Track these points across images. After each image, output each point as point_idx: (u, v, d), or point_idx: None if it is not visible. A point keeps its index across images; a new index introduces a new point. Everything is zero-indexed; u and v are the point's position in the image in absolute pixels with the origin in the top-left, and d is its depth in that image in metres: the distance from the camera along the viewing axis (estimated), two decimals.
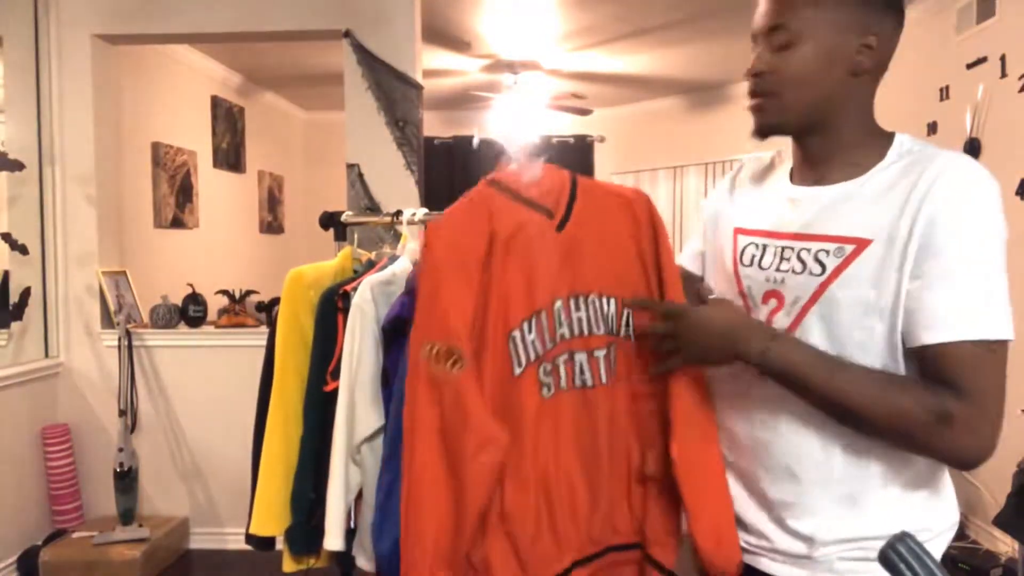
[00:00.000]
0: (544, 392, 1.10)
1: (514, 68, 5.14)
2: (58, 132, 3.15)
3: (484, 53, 4.84)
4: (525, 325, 1.07)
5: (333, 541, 1.40)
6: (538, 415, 1.09)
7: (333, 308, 1.50)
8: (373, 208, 3.09)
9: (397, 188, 3.11)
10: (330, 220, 1.80)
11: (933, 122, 3.48)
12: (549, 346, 1.10)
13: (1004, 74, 2.95)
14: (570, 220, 1.12)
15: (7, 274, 3.07)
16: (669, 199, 5.31)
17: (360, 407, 1.38)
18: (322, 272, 1.62)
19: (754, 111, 1.02)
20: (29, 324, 3.10)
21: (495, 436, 1.00)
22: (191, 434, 3.21)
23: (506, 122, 5.67)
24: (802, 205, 1.01)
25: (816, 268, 0.96)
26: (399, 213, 1.66)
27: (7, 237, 2.99)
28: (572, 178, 1.17)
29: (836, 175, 0.98)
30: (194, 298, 3.27)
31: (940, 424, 0.85)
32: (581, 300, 1.12)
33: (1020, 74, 2.86)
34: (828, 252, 0.95)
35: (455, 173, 6.50)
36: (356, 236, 1.80)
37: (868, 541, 0.95)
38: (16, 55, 3.09)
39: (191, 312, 3.26)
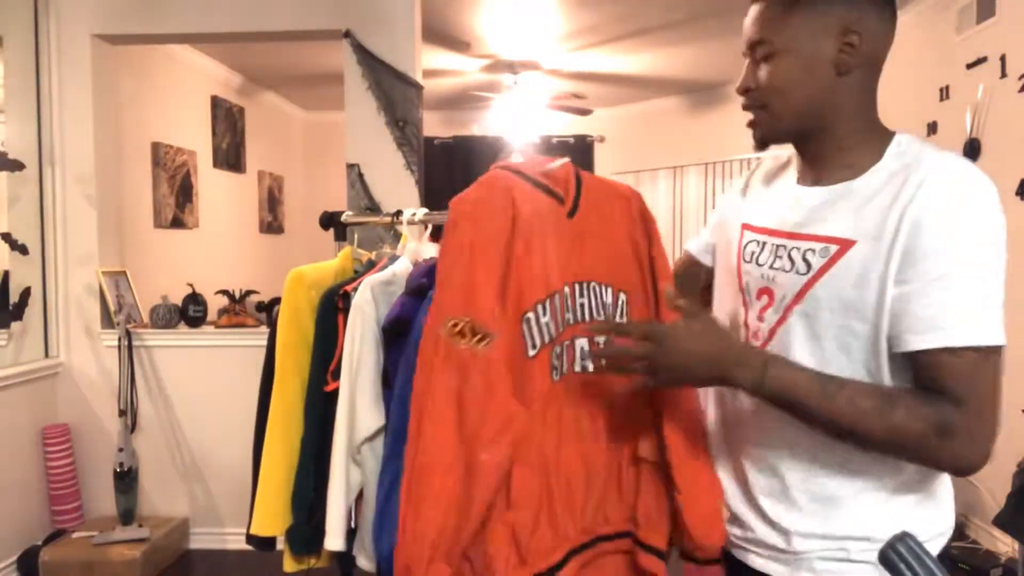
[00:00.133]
0: (554, 375, 1.11)
1: (514, 68, 5.14)
2: (58, 132, 3.16)
3: (484, 53, 4.84)
4: (540, 307, 1.08)
5: (334, 541, 1.41)
6: (547, 398, 1.09)
7: (334, 308, 1.50)
8: (373, 208, 3.09)
9: (397, 188, 3.11)
10: (330, 220, 1.80)
11: (933, 122, 3.48)
12: (560, 329, 1.12)
13: (1004, 74, 2.95)
14: (578, 209, 1.15)
15: (7, 274, 3.07)
16: (669, 199, 5.31)
17: (361, 407, 1.39)
18: (323, 272, 1.62)
19: (749, 126, 1.04)
20: (29, 324, 3.10)
21: (517, 416, 0.99)
22: (191, 434, 3.21)
23: (506, 122, 5.68)
24: (798, 205, 1.02)
25: (802, 267, 0.97)
26: (399, 213, 1.66)
27: (7, 237, 2.99)
28: (576, 170, 1.20)
29: (833, 176, 0.99)
30: (194, 298, 3.27)
31: (940, 436, 0.84)
32: (584, 287, 1.14)
33: (1020, 74, 2.86)
34: (814, 251, 0.96)
35: (455, 173, 6.52)
36: (356, 236, 1.80)
37: (848, 541, 0.95)
38: (16, 55, 3.09)
39: (191, 312, 3.26)
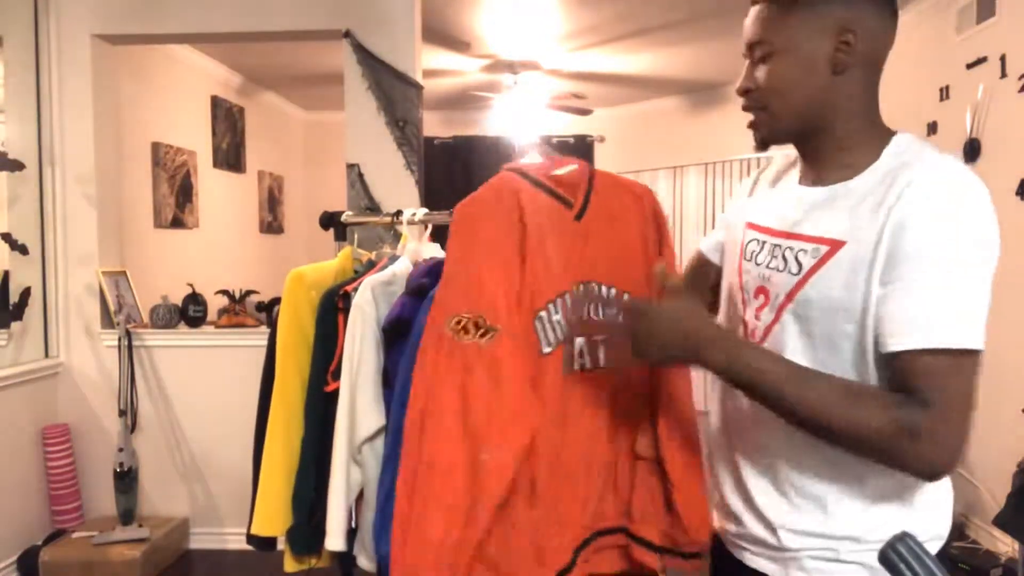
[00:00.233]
0: (564, 371, 1.13)
1: (514, 68, 5.14)
2: (58, 132, 3.16)
3: (484, 53, 4.84)
4: (551, 306, 1.10)
5: (334, 541, 1.41)
6: (560, 395, 1.11)
7: (334, 308, 1.50)
8: (373, 208, 3.09)
9: (397, 188, 3.11)
10: (330, 220, 1.80)
11: (933, 122, 3.48)
12: (568, 328, 1.14)
13: (1004, 74, 2.95)
14: (587, 212, 1.16)
15: (7, 274, 3.07)
16: (669, 199, 5.31)
17: (361, 407, 1.39)
18: (323, 272, 1.62)
19: (750, 127, 1.04)
20: (29, 324, 3.10)
21: (524, 415, 1.00)
22: (191, 434, 3.21)
23: (506, 122, 5.68)
24: (797, 204, 1.02)
25: (794, 267, 0.97)
26: (399, 213, 1.66)
27: (7, 237, 2.99)
28: (590, 171, 1.21)
29: (831, 176, 0.99)
30: (194, 298, 3.27)
31: (904, 437, 0.83)
32: (587, 287, 1.16)
33: (1020, 74, 2.86)
34: (806, 252, 0.96)
35: (455, 173, 6.50)
36: (356, 236, 1.80)
37: (837, 541, 0.95)
38: (16, 55, 3.09)
39: (191, 312, 3.26)
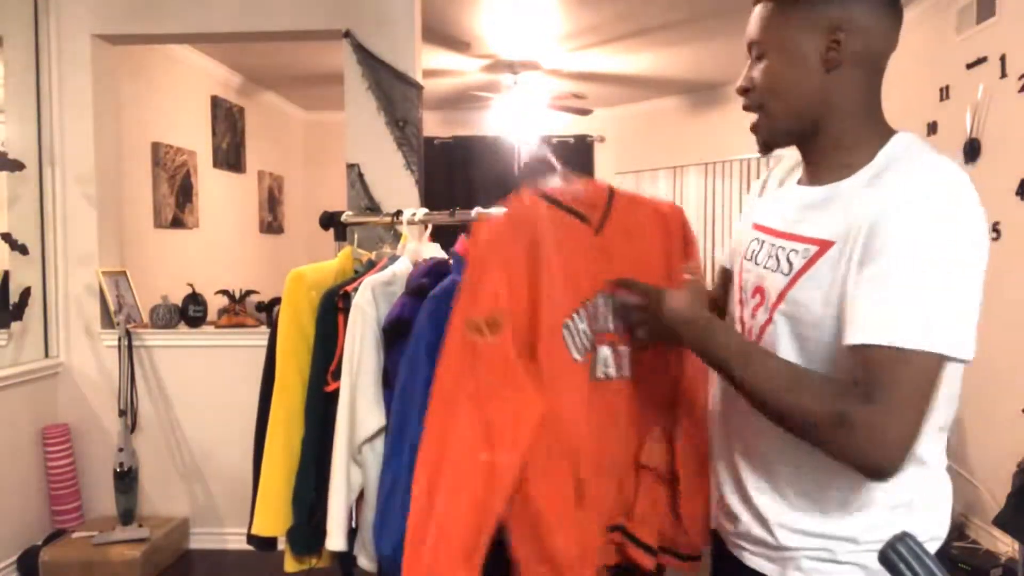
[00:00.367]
0: (589, 378, 1.19)
1: (514, 68, 5.14)
2: (58, 132, 3.16)
3: (484, 53, 4.84)
4: (575, 315, 1.15)
5: (335, 541, 1.41)
6: (590, 401, 1.17)
7: (334, 308, 1.50)
8: (373, 208, 3.09)
9: (397, 188, 3.11)
10: (330, 220, 1.80)
11: (933, 122, 3.48)
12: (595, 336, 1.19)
13: (1004, 74, 2.95)
14: (605, 227, 1.21)
15: (7, 274, 3.07)
16: (669, 199, 5.32)
17: (361, 407, 1.39)
18: (323, 272, 1.62)
19: (751, 130, 1.05)
20: (29, 324, 3.10)
21: (534, 398, 1.07)
22: (191, 434, 3.21)
23: (506, 122, 5.67)
24: (794, 204, 1.03)
25: (786, 267, 0.98)
26: (399, 213, 1.66)
27: (7, 237, 2.99)
28: (610, 191, 1.26)
29: (829, 176, 0.99)
30: (194, 298, 3.27)
31: (839, 427, 0.83)
32: (609, 298, 1.21)
33: (1020, 74, 2.86)
34: (797, 252, 0.96)
35: (455, 173, 6.52)
36: (356, 236, 1.80)
37: (833, 541, 0.95)
38: (16, 55, 3.09)
39: (191, 312, 3.26)
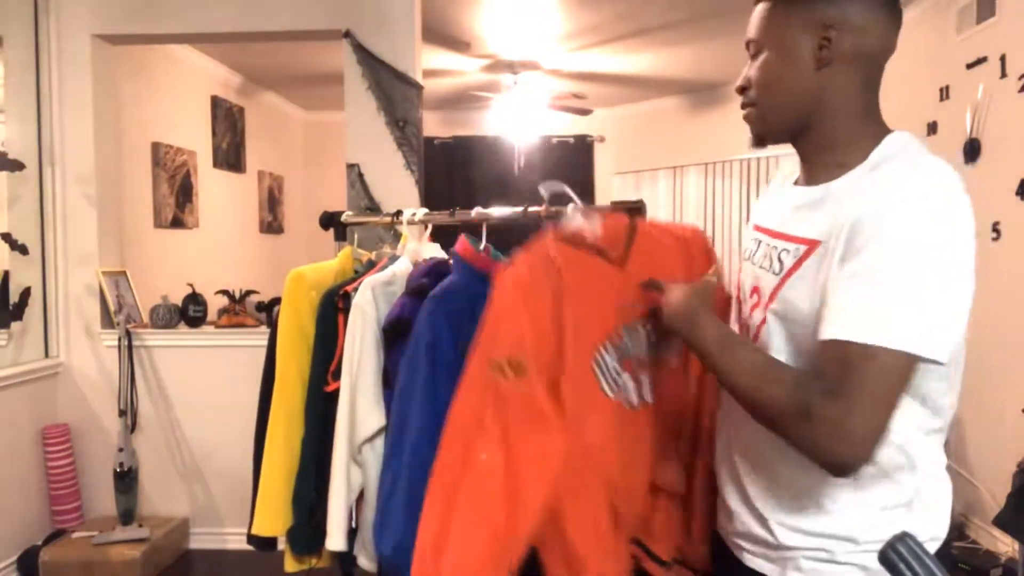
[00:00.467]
0: (617, 404, 1.20)
1: (514, 68, 5.14)
2: (58, 132, 3.16)
3: (484, 53, 4.84)
4: (604, 351, 1.17)
5: (335, 541, 1.41)
6: (620, 430, 1.19)
7: (334, 308, 1.50)
8: (373, 208, 3.09)
9: (397, 188, 3.11)
10: (330, 220, 1.80)
11: (933, 122, 3.48)
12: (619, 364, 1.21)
13: (1004, 74, 2.95)
14: (628, 261, 1.24)
15: (7, 274, 3.07)
16: (669, 199, 5.32)
17: (361, 407, 1.39)
18: (323, 272, 1.62)
19: (745, 120, 1.06)
20: (29, 324, 3.10)
21: (560, 439, 1.09)
22: (191, 434, 3.21)
23: (506, 122, 5.67)
24: (789, 204, 1.03)
25: (777, 267, 0.98)
26: (399, 213, 1.66)
27: (7, 237, 2.99)
28: (631, 223, 1.28)
29: (823, 175, 0.99)
30: (194, 298, 3.27)
31: (802, 419, 0.83)
32: (632, 328, 1.22)
33: (1020, 74, 2.86)
34: (788, 252, 0.97)
35: (455, 173, 6.52)
36: (356, 236, 1.80)
37: (831, 540, 0.95)
38: (16, 55, 3.09)
39: (191, 312, 3.26)
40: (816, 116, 0.99)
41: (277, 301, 1.66)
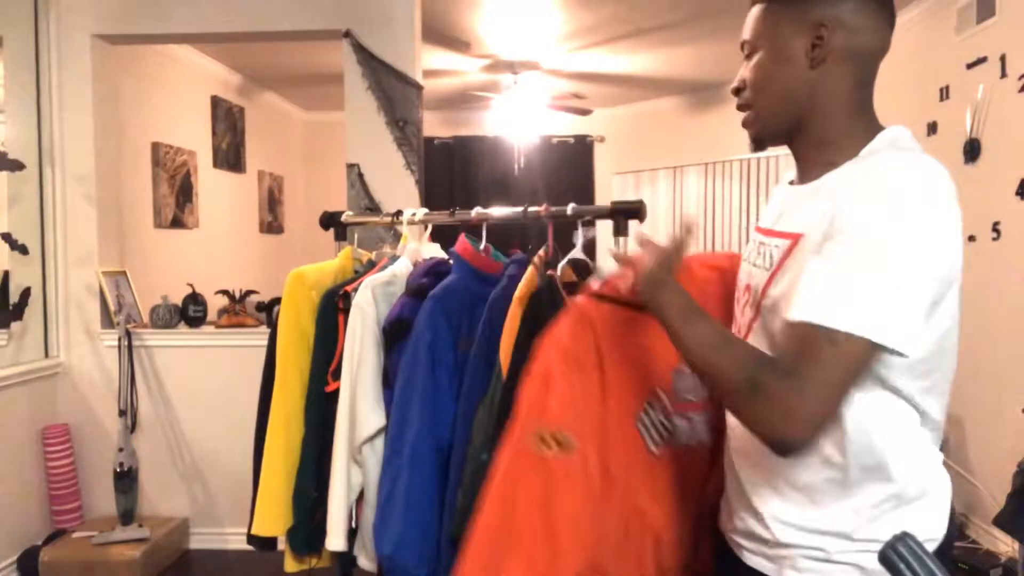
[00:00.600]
0: (663, 456, 1.20)
1: (514, 68, 5.14)
2: (58, 132, 3.16)
3: (484, 53, 4.84)
4: (648, 407, 1.17)
5: (335, 541, 1.41)
6: (670, 480, 1.19)
7: (334, 308, 1.51)
8: (373, 208, 3.09)
9: (397, 188, 3.11)
10: (330, 220, 1.80)
11: (933, 122, 3.48)
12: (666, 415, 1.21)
13: (1004, 74, 2.95)
14: None
15: (7, 274, 3.07)
16: (669, 199, 5.31)
17: (361, 407, 1.39)
18: (323, 272, 1.63)
19: (743, 125, 1.07)
20: (29, 324, 3.10)
21: (606, 507, 1.10)
22: (191, 434, 3.21)
23: (506, 122, 5.67)
24: (783, 202, 1.05)
25: (767, 263, 1.00)
26: (399, 213, 1.66)
27: (7, 237, 2.99)
28: None
29: (815, 173, 1.00)
30: (194, 298, 3.27)
31: (751, 393, 0.85)
32: (679, 370, 1.21)
33: (1020, 74, 2.86)
34: (778, 247, 0.98)
35: (455, 173, 6.52)
36: (356, 236, 1.81)
37: (827, 537, 0.95)
38: (16, 55, 3.09)
39: (191, 312, 3.26)
40: (810, 114, 1.00)
41: (277, 301, 1.66)
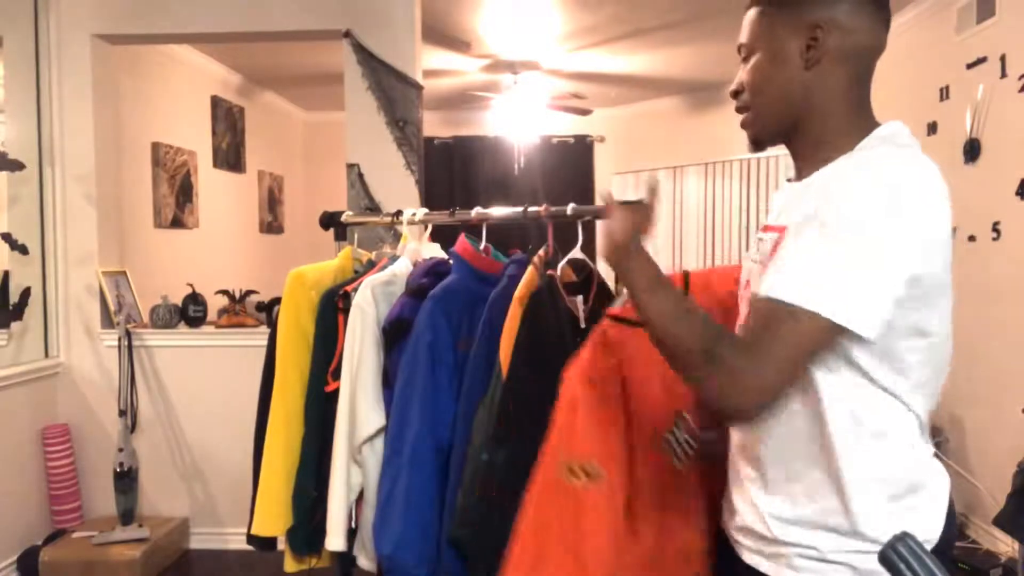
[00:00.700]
0: (678, 465, 1.21)
1: (514, 68, 5.14)
2: (58, 132, 3.16)
3: (484, 53, 4.84)
4: (675, 426, 1.18)
5: (334, 541, 1.41)
6: (698, 493, 1.19)
7: (334, 308, 1.51)
8: (373, 208, 3.09)
9: (397, 188, 3.11)
10: (330, 220, 1.80)
11: (933, 122, 3.48)
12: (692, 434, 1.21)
13: (1004, 74, 2.95)
14: None
15: (7, 274, 3.07)
16: (669, 199, 5.31)
17: (361, 407, 1.39)
18: (323, 272, 1.63)
19: (741, 126, 1.08)
20: (29, 324, 3.10)
21: (634, 537, 1.11)
22: (191, 434, 3.21)
23: (506, 122, 5.67)
24: (781, 200, 1.07)
25: (759, 257, 1.02)
26: (399, 213, 1.66)
27: (7, 237, 2.99)
28: (684, 279, 1.27)
29: (812, 170, 1.01)
30: (194, 298, 3.27)
31: (706, 361, 0.86)
32: None
33: (1020, 74, 2.86)
34: (770, 241, 1.00)
35: (455, 173, 6.51)
36: (356, 236, 1.80)
37: (823, 534, 0.95)
38: (16, 55, 3.09)
39: (191, 312, 3.26)
40: (808, 115, 1.01)
41: (277, 301, 1.66)
